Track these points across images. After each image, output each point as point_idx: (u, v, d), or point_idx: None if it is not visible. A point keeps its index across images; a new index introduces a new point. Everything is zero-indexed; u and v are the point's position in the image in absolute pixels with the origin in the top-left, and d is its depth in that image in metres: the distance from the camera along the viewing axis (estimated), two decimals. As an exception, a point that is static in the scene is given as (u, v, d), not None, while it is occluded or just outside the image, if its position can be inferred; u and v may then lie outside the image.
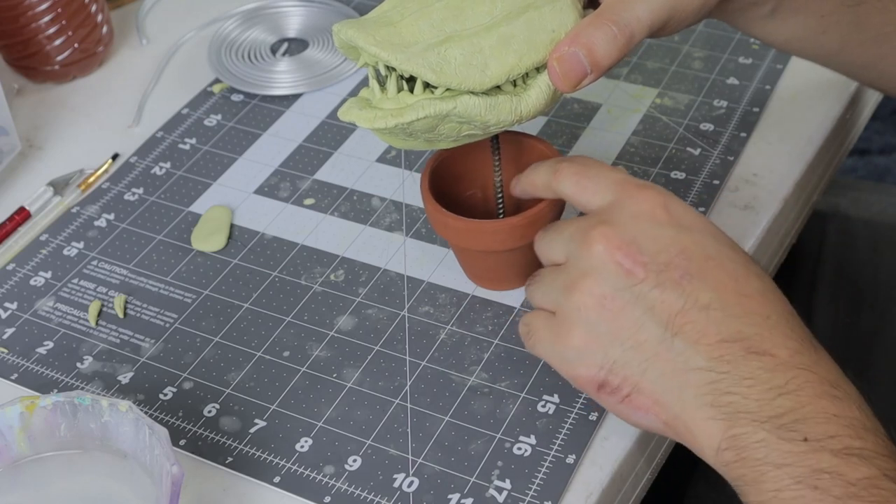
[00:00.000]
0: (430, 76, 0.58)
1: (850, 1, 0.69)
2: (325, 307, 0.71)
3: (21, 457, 0.60)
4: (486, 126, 0.60)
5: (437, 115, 0.58)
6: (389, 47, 0.58)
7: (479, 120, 0.59)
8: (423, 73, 0.58)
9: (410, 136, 0.61)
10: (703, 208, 0.74)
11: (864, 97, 0.86)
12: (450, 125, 0.60)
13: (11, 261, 0.77)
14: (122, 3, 1.01)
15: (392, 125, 0.59)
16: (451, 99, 0.58)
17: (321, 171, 0.81)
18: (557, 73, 0.59)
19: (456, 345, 0.68)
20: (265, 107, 0.88)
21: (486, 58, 0.58)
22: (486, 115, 0.59)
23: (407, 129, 0.59)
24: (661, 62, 0.87)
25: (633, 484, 0.64)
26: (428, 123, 0.59)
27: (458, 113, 0.58)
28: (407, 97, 0.59)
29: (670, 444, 0.68)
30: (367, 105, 0.61)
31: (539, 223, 0.65)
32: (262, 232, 0.77)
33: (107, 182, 0.83)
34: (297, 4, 0.97)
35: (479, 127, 0.60)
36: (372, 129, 0.60)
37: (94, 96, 0.92)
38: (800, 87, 0.84)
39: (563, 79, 0.59)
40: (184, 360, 0.69)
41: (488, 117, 0.59)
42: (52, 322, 0.72)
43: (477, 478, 0.60)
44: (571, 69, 0.59)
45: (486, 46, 0.58)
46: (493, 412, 0.64)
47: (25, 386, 0.68)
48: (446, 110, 0.58)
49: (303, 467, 0.62)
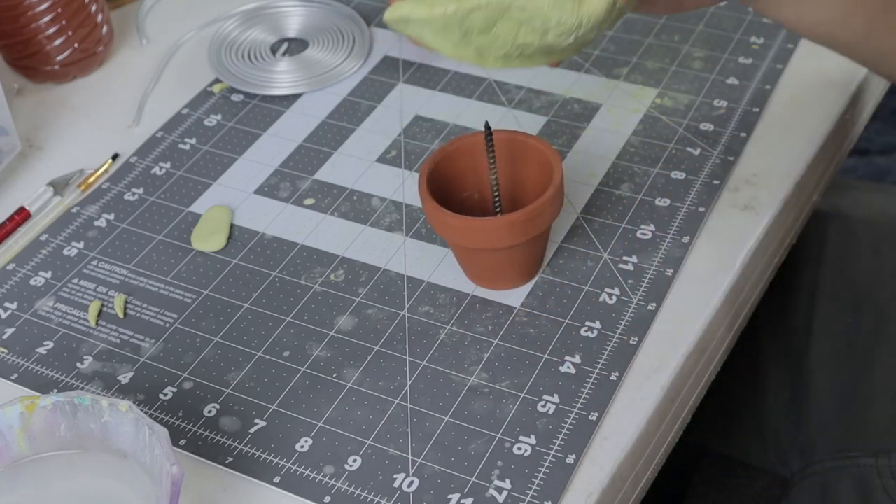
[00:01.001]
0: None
1: None
2: (325, 307, 0.71)
3: (21, 457, 0.60)
4: (545, 29, 0.58)
5: (500, 4, 0.57)
6: None
7: (541, 17, 0.57)
8: None
9: (464, 36, 0.59)
10: (703, 208, 0.74)
11: (864, 97, 0.86)
12: (508, 24, 0.58)
13: (11, 261, 0.77)
14: (122, 3, 1.01)
15: (452, 11, 0.57)
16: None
17: (321, 171, 0.81)
18: None
19: (456, 345, 0.68)
20: (265, 107, 0.88)
21: None
22: (550, 11, 0.57)
23: (464, 23, 0.58)
24: (661, 62, 0.87)
25: (633, 484, 0.64)
26: (488, 17, 0.57)
27: (522, 5, 0.57)
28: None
29: (670, 445, 0.68)
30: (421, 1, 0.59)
31: (537, 220, 0.66)
32: (262, 232, 0.77)
33: (107, 182, 0.83)
34: (297, 4, 0.97)
35: (538, 30, 0.58)
36: (427, 21, 0.58)
37: (94, 96, 0.92)
38: (800, 87, 0.84)
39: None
40: (184, 360, 0.69)
41: (551, 14, 0.57)
42: (52, 322, 0.72)
43: (477, 478, 0.60)
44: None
45: None
46: (493, 412, 0.64)
47: (25, 386, 0.68)
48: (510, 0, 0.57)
49: (303, 467, 0.62)
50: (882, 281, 0.94)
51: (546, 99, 0.85)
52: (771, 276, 0.79)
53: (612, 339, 0.67)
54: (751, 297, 0.75)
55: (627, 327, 0.67)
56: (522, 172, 0.70)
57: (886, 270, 0.94)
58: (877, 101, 0.90)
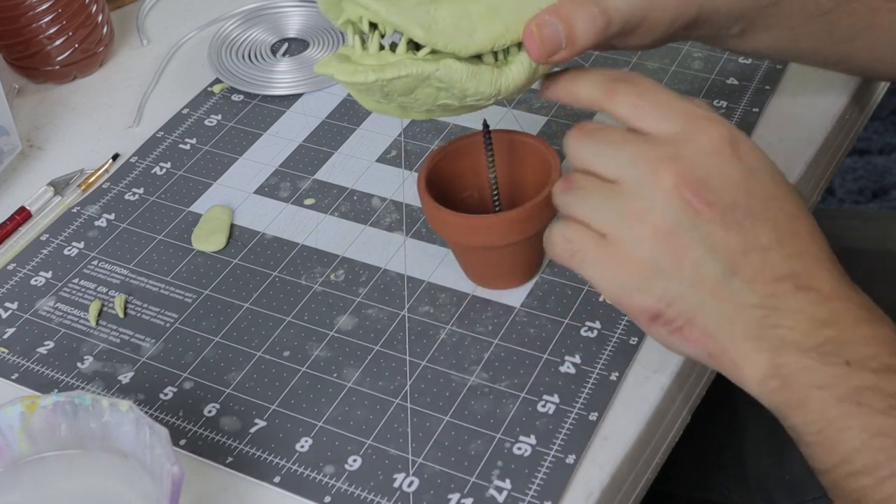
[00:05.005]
0: (419, 32, 0.57)
1: (819, 10, 0.70)
2: (325, 307, 0.71)
3: (21, 457, 0.60)
4: (463, 95, 0.60)
5: (419, 75, 0.58)
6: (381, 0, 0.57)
7: (459, 87, 0.59)
8: (411, 29, 0.57)
9: (386, 97, 0.60)
10: (703, 208, 0.74)
11: (863, 97, 0.86)
12: (428, 90, 0.59)
13: (12, 261, 0.77)
14: (122, 3, 1.01)
15: (372, 80, 0.58)
16: (435, 61, 0.58)
17: (321, 171, 0.81)
18: (535, 39, 0.59)
19: (456, 345, 0.68)
20: (265, 107, 0.88)
21: (474, 23, 0.58)
22: (467, 82, 0.59)
23: (385, 89, 0.59)
24: (661, 62, 0.87)
25: (633, 484, 0.64)
26: (407, 84, 0.58)
27: (440, 77, 0.58)
28: (389, 56, 0.59)
29: (670, 445, 0.68)
30: (347, 61, 0.60)
31: (536, 217, 0.66)
32: (262, 232, 0.77)
33: (107, 182, 0.83)
34: (297, 4, 0.97)
35: (457, 96, 0.60)
36: (349, 84, 0.59)
37: (94, 96, 0.92)
38: (799, 88, 0.84)
39: (539, 45, 0.59)
40: (184, 360, 0.69)
41: (468, 85, 0.59)
42: (52, 322, 0.72)
43: (477, 478, 0.60)
44: (549, 37, 0.59)
45: (474, 12, 0.58)
46: (493, 412, 0.64)
47: (26, 386, 0.68)
48: (429, 72, 0.58)
49: (303, 467, 0.62)
50: None
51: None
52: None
53: (612, 339, 0.67)
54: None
55: (628, 327, 0.67)
56: (522, 172, 0.70)
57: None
58: (877, 101, 0.90)
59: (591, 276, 0.57)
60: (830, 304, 0.55)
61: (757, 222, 0.55)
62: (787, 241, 0.55)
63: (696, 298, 0.55)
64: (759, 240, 0.55)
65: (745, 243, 0.55)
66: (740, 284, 0.55)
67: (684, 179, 0.54)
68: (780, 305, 0.54)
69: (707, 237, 0.54)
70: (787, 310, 0.54)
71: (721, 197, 0.55)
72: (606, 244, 0.56)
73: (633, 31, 0.62)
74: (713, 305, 0.55)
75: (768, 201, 0.55)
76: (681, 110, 0.56)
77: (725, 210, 0.54)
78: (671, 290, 0.55)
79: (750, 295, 0.55)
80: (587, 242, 0.56)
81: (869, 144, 2.05)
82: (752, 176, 0.56)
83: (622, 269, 0.56)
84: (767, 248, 0.55)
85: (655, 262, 0.55)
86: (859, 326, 0.54)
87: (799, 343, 0.54)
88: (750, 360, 0.55)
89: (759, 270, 0.55)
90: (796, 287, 0.55)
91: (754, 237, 0.55)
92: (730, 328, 0.55)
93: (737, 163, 0.55)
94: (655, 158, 0.55)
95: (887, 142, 2.06)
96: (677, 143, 0.55)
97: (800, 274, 0.55)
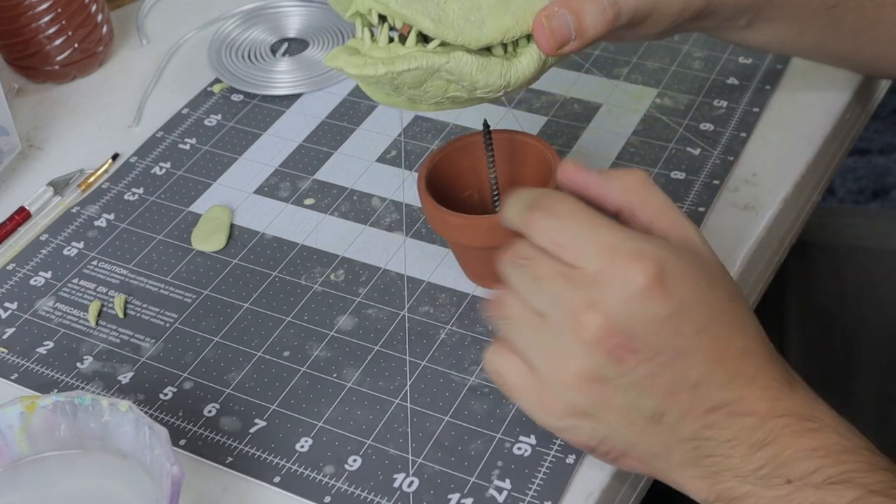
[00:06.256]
0: (428, 25, 0.57)
1: (826, 4, 0.70)
2: (325, 307, 0.71)
3: (21, 457, 0.59)
4: (473, 88, 0.59)
5: (429, 67, 0.58)
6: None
7: (469, 80, 0.59)
8: (421, 21, 0.57)
9: (396, 89, 0.60)
10: (703, 208, 0.74)
11: (864, 97, 0.86)
12: (437, 82, 0.59)
13: (11, 261, 0.77)
14: (122, 3, 1.01)
15: (382, 73, 0.58)
16: (445, 54, 0.58)
17: (321, 171, 0.81)
18: (544, 30, 0.59)
19: (456, 345, 0.68)
20: (265, 107, 0.88)
21: (484, 15, 0.58)
22: (477, 74, 0.59)
23: (395, 81, 0.59)
24: (661, 62, 0.87)
25: (633, 484, 0.64)
26: (417, 77, 0.58)
27: (450, 69, 0.58)
28: (398, 48, 0.59)
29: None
30: (356, 53, 0.60)
31: None
32: (262, 232, 0.77)
33: (107, 182, 0.83)
34: (297, 4, 0.97)
35: (467, 88, 0.60)
36: (359, 77, 0.59)
37: (94, 96, 0.92)
38: (800, 88, 0.84)
39: (549, 36, 0.59)
40: (184, 360, 0.69)
41: (478, 77, 0.59)
42: (52, 322, 0.72)
43: (477, 478, 0.60)
44: (558, 28, 0.59)
45: (484, 5, 0.58)
46: (493, 412, 0.64)
47: (25, 386, 0.68)
48: (438, 64, 0.58)
49: (303, 467, 0.62)
50: (846, 306, 0.94)
51: (546, 99, 0.85)
52: (771, 276, 0.79)
53: (612, 338, 0.67)
54: (751, 296, 0.75)
55: (627, 327, 0.67)
56: (522, 172, 0.70)
57: (849, 295, 0.94)
58: (878, 100, 0.90)
59: (523, 407, 0.57)
60: (767, 425, 0.53)
61: (685, 360, 0.53)
62: (718, 371, 0.53)
63: (626, 437, 0.55)
64: (688, 378, 0.53)
65: (673, 384, 0.53)
66: (671, 422, 0.54)
67: (606, 332, 0.52)
68: (715, 436, 0.53)
69: (634, 384, 0.53)
70: (722, 439, 0.53)
71: (647, 343, 0.52)
72: (535, 379, 0.55)
73: (642, 22, 0.62)
74: (646, 442, 0.55)
75: (698, 335, 0.53)
76: (601, 245, 0.53)
77: (652, 355, 0.52)
78: (600, 430, 0.55)
79: (683, 429, 0.54)
80: (517, 378, 0.56)
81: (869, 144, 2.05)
82: (681, 312, 0.52)
83: (549, 408, 0.55)
84: (697, 385, 0.53)
85: (582, 407, 0.54)
86: (800, 440, 0.52)
87: (737, 469, 0.53)
88: (691, 485, 0.55)
89: (689, 407, 0.53)
90: (729, 415, 0.53)
91: (683, 376, 0.53)
92: (666, 459, 0.55)
93: (664, 302, 0.52)
94: (577, 305, 0.53)
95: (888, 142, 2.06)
96: (598, 287, 0.52)
97: (733, 401, 0.53)
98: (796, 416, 0.53)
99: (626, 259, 0.52)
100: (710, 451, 0.53)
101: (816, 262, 0.96)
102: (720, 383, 0.53)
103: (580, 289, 0.53)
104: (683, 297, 0.53)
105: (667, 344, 0.52)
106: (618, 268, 0.52)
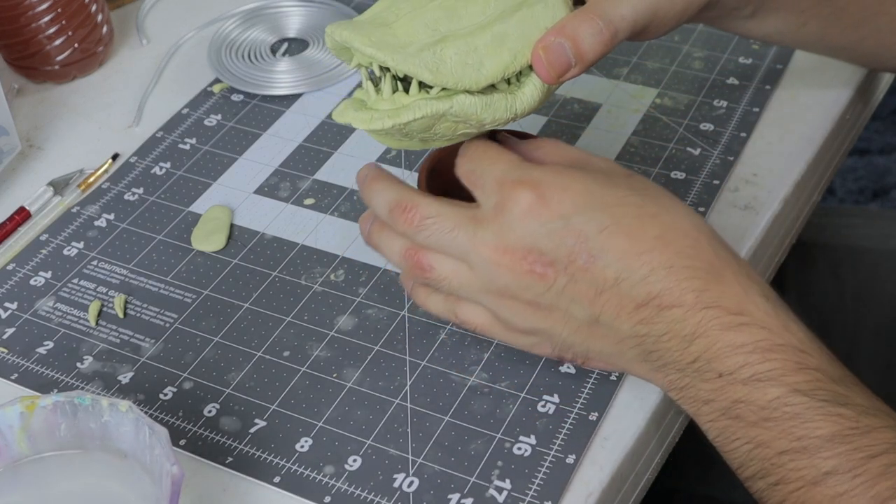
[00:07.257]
0: (427, 76, 0.58)
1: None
2: (325, 307, 0.71)
3: (21, 457, 0.59)
4: (481, 124, 0.60)
5: (434, 114, 0.58)
6: (385, 48, 0.58)
7: (475, 119, 0.59)
8: (420, 74, 0.58)
9: (406, 136, 0.61)
10: (704, 208, 0.74)
11: (864, 97, 0.86)
12: (446, 125, 0.60)
13: (11, 261, 0.77)
14: (122, 3, 1.01)
15: (389, 126, 0.59)
16: (448, 98, 0.58)
17: (321, 171, 0.81)
18: (543, 63, 0.60)
19: (456, 345, 0.68)
20: (265, 107, 0.88)
21: (482, 56, 0.59)
22: (482, 113, 0.59)
23: (403, 130, 0.60)
24: (661, 62, 0.87)
25: (633, 484, 0.64)
26: (424, 123, 0.59)
27: (455, 112, 0.59)
28: (402, 98, 0.59)
29: (670, 445, 0.68)
30: (363, 106, 0.61)
31: None
32: (262, 232, 0.77)
33: (107, 182, 0.83)
34: (297, 4, 0.97)
35: (475, 126, 0.60)
36: (368, 131, 0.60)
37: (94, 96, 0.92)
38: (800, 88, 0.84)
39: (548, 68, 0.60)
40: (184, 360, 0.69)
41: (484, 116, 0.59)
42: (52, 322, 0.72)
43: (477, 478, 0.60)
44: (556, 59, 0.59)
45: (480, 45, 0.59)
46: (493, 412, 0.64)
47: (25, 386, 0.68)
48: (443, 110, 0.58)
49: (303, 467, 0.62)
50: (845, 305, 0.94)
51: (546, 99, 0.85)
52: (771, 276, 0.79)
53: (612, 339, 0.67)
54: (751, 296, 0.75)
55: (627, 327, 0.67)
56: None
57: (848, 293, 0.94)
58: (877, 101, 0.90)
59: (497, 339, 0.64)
60: (696, 317, 0.55)
61: (598, 259, 0.56)
62: (635, 266, 0.56)
63: (581, 342, 0.59)
64: (606, 277, 0.56)
65: (595, 285, 0.57)
66: (608, 322, 0.57)
67: (518, 255, 0.57)
68: (650, 331, 0.56)
69: (563, 294, 0.57)
70: (657, 333, 0.56)
71: (557, 255, 0.57)
72: (492, 318, 0.61)
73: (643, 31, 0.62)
74: (597, 344, 0.59)
75: (602, 232, 0.57)
76: (495, 180, 0.59)
77: (567, 263, 0.57)
78: (556, 340, 0.60)
79: (621, 327, 0.57)
80: (482, 319, 0.62)
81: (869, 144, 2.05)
82: (577, 218, 0.57)
83: (513, 336, 0.62)
84: (618, 281, 0.56)
85: (533, 328, 0.60)
86: (728, 334, 0.55)
87: (676, 362, 0.56)
88: (649, 377, 0.59)
89: (619, 305, 0.57)
90: (658, 308, 0.56)
91: (602, 276, 0.57)
92: (621, 357, 0.59)
93: (555, 216, 0.57)
94: (487, 242, 0.58)
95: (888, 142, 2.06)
96: (498, 219, 0.58)
97: (657, 293, 0.56)
98: (723, 309, 0.55)
99: (511, 187, 0.58)
100: (651, 346, 0.57)
101: (816, 262, 0.96)
102: (641, 276, 0.56)
103: (485, 227, 0.58)
104: (568, 207, 0.57)
105: (575, 249, 0.57)
106: (506, 196, 0.58)
